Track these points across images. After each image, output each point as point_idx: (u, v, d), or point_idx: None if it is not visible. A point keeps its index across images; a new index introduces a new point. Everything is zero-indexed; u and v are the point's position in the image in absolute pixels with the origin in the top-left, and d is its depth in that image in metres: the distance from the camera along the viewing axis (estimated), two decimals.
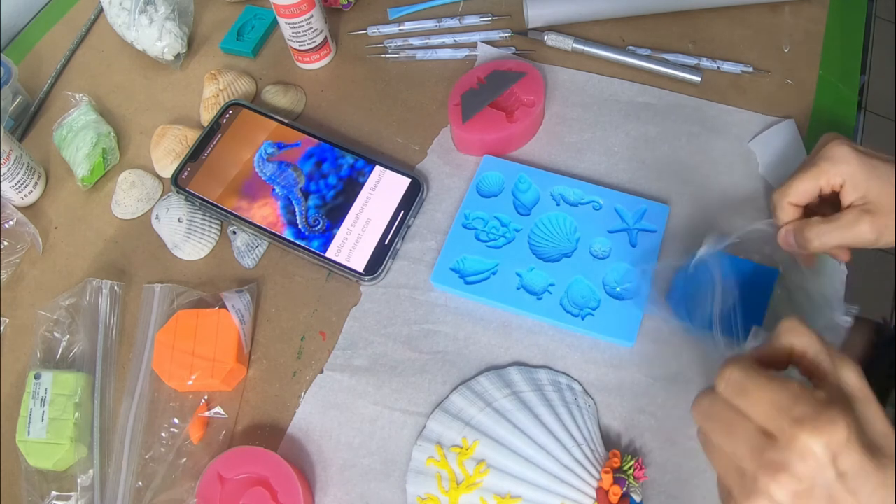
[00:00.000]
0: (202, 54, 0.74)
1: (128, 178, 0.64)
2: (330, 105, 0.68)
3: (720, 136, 0.61)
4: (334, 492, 0.50)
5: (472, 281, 0.55)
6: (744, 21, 0.67)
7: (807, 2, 0.68)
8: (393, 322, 0.56)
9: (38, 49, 0.78)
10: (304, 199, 0.60)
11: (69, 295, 0.58)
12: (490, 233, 0.57)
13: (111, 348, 0.57)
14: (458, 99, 0.62)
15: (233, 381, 0.54)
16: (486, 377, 0.52)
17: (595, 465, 0.47)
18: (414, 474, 0.49)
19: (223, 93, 0.67)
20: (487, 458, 0.48)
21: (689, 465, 0.48)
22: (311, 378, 0.54)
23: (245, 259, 0.60)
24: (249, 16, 0.74)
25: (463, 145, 0.63)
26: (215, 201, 0.60)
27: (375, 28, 0.71)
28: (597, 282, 0.54)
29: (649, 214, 0.57)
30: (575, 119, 0.64)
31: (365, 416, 0.52)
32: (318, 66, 0.71)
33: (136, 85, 0.73)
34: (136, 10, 0.69)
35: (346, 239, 0.58)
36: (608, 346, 0.53)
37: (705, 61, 0.65)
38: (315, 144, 0.63)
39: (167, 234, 0.61)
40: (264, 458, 0.49)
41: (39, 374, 0.54)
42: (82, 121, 0.67)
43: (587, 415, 0.50)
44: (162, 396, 0.54)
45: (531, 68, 0.62)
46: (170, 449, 0.52)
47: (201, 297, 0.58)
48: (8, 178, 0.63)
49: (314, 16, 0.66)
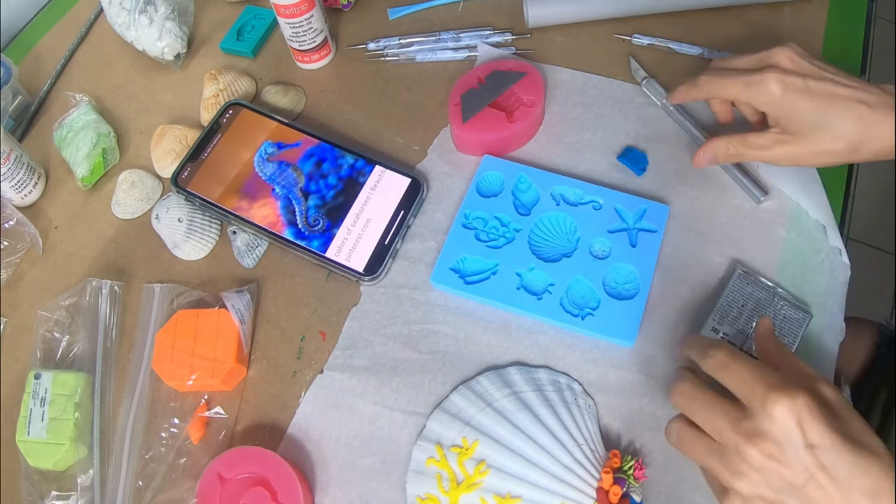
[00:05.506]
0: (202, 54, 0.74)
1: (128, 178, 0.64)
2: (330, 105, 0.68)
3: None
4: (334, 492, 0.50)
5: (472, 281, 0.55)
6: (744, 21, 0.67)
7: (807, 2, 0.68)
8: (393, 322, 0.56)
9: (38, 49, 0.78)
10: (304, 199, 0.60)
11: (69, 295, 0.58)
12: (490, 233, 0.57)
13: (111, 348, 0.57)
14: (458, 99, 0.62)
15: (233, 381, 0.54)
16: (486, 377, 0.52)
17: (595, 465, 0.47)
18: (414, 474, 0.49)
19: (223, 93, 0.67)
20: (487, 458, 0.48)
21: (689, 465, 0.48)
22: (311, 378, 0.54)
23: (245, 259, 0.60)
24: (249, 16, 0.74)
25: (463, 145, 0.63)
26: (215, 201, 0.60)
27: (375, 43, 0.71)
28: (597, 282, 0.54)
29: (649, 214, 0.57)
30: (575, 119, 0.64)
31: (365, 416, 0.52)
32: (318, 66, 0.71)
33: (136, 85, 0.73)
34: (136, 10, 0.69)
35: (346, 239, 0.58)
36: (608, 346, 0.53)
37: (708, 52, 0.65)
38: (315, 144, 0.63)
39: (167, 234, 0.61)
40: (264, 458, 0.49)
41: (39, 373, 0.54)
42: (82, 121, 0.67)
43: (587, 415, 0.50)
44: (162, 396, 0.54)
45: (531, 68, 0.62)
46: (170, 449, 0.52)
47: (201, 297, 0.58)
48: (8, 178, 0.63)
49: (314, 16, 0.66)
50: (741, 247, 0.56)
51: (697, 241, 0.56)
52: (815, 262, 0.54)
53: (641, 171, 0.60)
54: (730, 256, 0.55)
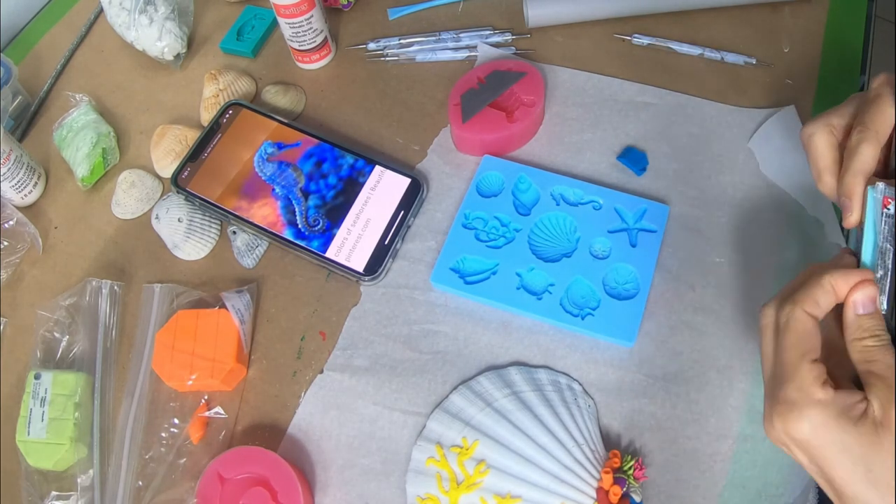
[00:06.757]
0: (202, 54, 0.74)
1: (128, 178, 0.64)
2: (330, 105, 0.68)
3: (720, 136, 0.61)
4: (334, 492, 0.50)
5: (472, 281, 0.55)
6: (744, 21, 0.67)
7: (807, 2, 0.68)
8: (393, 322, 0.56)
9: (38, 49, 0.78)
10: (304, 199, 0.60)
11: (69, 295, 0.58)
12: (490, 233, 0.57)
13: (111, 348, 0.57)
14: (458, 99, 0.62)
15: (233, 381, 0.54)
16: (486, 377, 0.52)
17: (595, 465, 0.47)
18: (414, 474, 0.49)
19: (223, 93, 0.67)
20: (487, 458, 0.48)
21: (689, 465, 0.48)
22: (311, 378, 0.54)
23: (245, 259, 0.60)
24: (249, 16, 0.74)
25: (463, 145, 0.63)
26: (215, 201, 0.60)
27: (375, 43, 0.71)
28: (597, 282, 0.54)
29: (649, 214, 0.57)
30: (575, 119, 0.64)
31: (365, 416, 0.52)
32: (318, 66, 0.71)
33: (136, 85, 0.73)
34: (136, 10, 0.69)
35: (346, 239, 0.58)
36: (608, 346, 0.53)
37: (708, 52, 0.65)
38: (315, 144, 0.63)
39: (167, 234, 0.61)
40: (264, 458, 0.49)
41: (39, 374, 0.54)
42: (82, 121, 0.67)
43: (587, 415, 0.50)
44: (162, 396, 0.54)
45: (531, 68, 0.62)
46: (170, 449, 0.52)
47: (201, 297, 0.58)
48: (8, 178, 0.63)
49: (314, 16, 0.66)
50: (741, 246, 0.56)
51: (697, 241, 0.56)
52: (816, 260, 0.54)
53: (641, 171, 0.60)
54: (730, 256, 0.55)
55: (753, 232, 0.56)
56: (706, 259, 0.55)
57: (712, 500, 0.47)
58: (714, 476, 0.47)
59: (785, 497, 0.46)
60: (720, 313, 0.53)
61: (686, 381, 0.51)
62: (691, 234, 0.57)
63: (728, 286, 0.54)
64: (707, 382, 0.51)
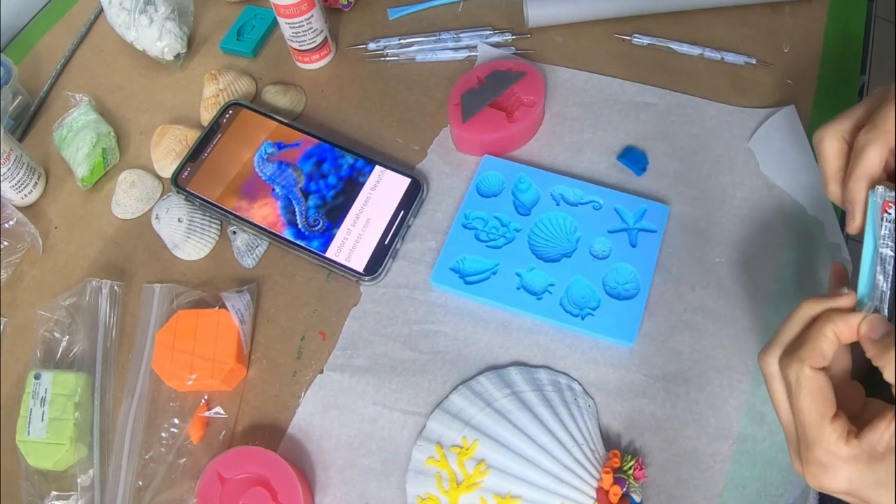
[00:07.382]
0: (202, 54, 0.74)
1: (128, 178, 0.64)
2: (330, 105, 0.68)
3: (720, 136, 0.61)
4: (334, 492, 0.50)
5: (472, 281, 0.55)
6: (744, 21, 0.67)
7: (807, 2, 0.68)
8: (393, 322, 0.56)
9: (38, 49, 0.78)
10: (304, 199, 0.60)
11: (69, 295, 0.58)
12: (490, 233, 0.57)
13: (111, 348, 0.57)
14: (458, 99, 0.62)
15: (233, 381, 0.54)
16: (486, 377, 0.52)
17: (595, 465, 0.47)
18: (414, 474, 0.49)
19: (223, 93, 0.67)
20: (487, 458, 0.48)
21: (689, 465, 0.48)
22: (311, 378, 0.54)
23: (245, 259, 0.60)
24: (249, 16, 0.74)
25: (463, 145, 0.63)
26: (215, 201, 0.60)
27: (375, 43, 0.71)
28: (597, 282, 0.54)
29: (649, 214, 0.57)
30: (575, 119, 0.64)
31: (365, 416, 0.52)
32: (318, 66, 0.71)
33: (136, 85, 0.73)
34: (136, 10, 0.69)
35: (346, 239, 0.58)
36: (608, 346, 0.53)
37: (708, 52, 0.65)
38: (315, 144, 0.63)
39: (167, 234, 0.61)
40: (264, 458, 0.49)
41: (39, 373, 0.54)
42: (82, 121, 0.67)
43: (587, 415, 0.50)
44: (162, 396, 0.54)
45: (531, 68, 0.62)
46: (170, 449, 0.52)
47: (201, 297, 0.58)
48: (8, 178, 0.63)
49: (314, 16, 0.66)
50: (741, 246, 0.56)
51: (697, 241, 0.56)
52: (816, 259, 0.54)
53: (641, 171, 0.60)
54: (730, 256, 0.55)
55: (753, 232, 0.56)
56: (706, 259, 0.56)
57: (712, 500, 0.47)
58: (714, 476, 0.47)
59: (785, 497, 0.46)
60: (720, 313, 0.53)
61: (686, 381, 0.51)
62: (691, 234, 0.57)
63: (728, 286, 0.54)
64: (707, 382, 0.51)
